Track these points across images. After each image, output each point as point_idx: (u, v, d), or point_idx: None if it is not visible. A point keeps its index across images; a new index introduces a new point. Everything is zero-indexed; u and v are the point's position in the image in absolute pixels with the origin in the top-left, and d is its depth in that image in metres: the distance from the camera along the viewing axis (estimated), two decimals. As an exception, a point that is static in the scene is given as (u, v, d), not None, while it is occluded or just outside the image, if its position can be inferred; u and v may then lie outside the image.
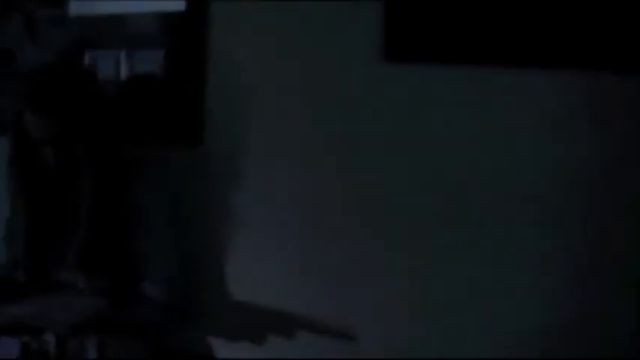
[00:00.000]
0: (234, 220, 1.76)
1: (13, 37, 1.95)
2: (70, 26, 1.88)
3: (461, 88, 1.60)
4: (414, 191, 1.64)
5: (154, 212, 1.65)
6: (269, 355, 1.72)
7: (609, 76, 1.51)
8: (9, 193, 1.67)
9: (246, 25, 1.74)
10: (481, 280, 1.59)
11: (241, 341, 1.74)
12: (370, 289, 1.67)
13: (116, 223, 1.61)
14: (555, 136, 1.54)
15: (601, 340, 1.53)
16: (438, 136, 1.61)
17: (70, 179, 1.60)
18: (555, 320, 1.55)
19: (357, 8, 1.64)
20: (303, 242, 1.72)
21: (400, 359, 1.62)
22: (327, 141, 1.70)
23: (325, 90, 1.69)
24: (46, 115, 1.54)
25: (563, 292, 1.55)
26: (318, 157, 1.71)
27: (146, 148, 1.73)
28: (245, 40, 1.74)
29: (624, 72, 1.50)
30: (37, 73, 1.61)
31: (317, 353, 1.69)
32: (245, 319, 1.75)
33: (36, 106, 1.54)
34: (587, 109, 1.52)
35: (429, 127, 1.62)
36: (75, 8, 1.88)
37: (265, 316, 1.72)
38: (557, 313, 1.54)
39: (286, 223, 1.73)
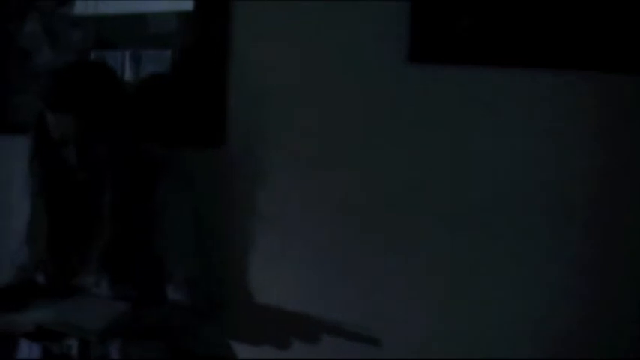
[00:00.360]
0: (256, 221, 1.74)
1: (30, 37, 1.93)
2: (87, 26, 1.86)
3: (487, 89, 1.59)
4: (438, 193, 1.63)
5: (176, 213, 1.62)
6: (291, 357, 1.70)
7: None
8: (30, 194, 1.64)
9: (269, 25, 1.72)
10: (501, 282, 1.59)
11: (263, 343, 1.72)
12: (395, 291, 1.65)
13: (139, 225, 1.58)
14: (580, 138, 1.54)
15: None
16: (463, 139, 1.61)
17: (93, 180, 1.57)
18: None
19: (382, 8, 1.63)
20: (327, 243, 1.70)
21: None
22: (350, 142, 1.69)
23: (348, 91, 1.68)
24: (68, 114, 1.51)
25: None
26: (341, 157, 1.69)
27: (167, 149, 1.71)
28: (267, 39, 1.73)
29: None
30: (58, 72, 1.58)
31: (340, 356, 1.67)
32: (267, 321, 1.73)
33: (58, 106, 1.51)
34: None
35: (454, 129, 1.62)
36: (92, 8, 1.86)
37: (288, 318, 1.71)
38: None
39: (309, 224, 1.71)
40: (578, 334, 1.55)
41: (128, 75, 1.79)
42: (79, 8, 1.87)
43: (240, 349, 1.75)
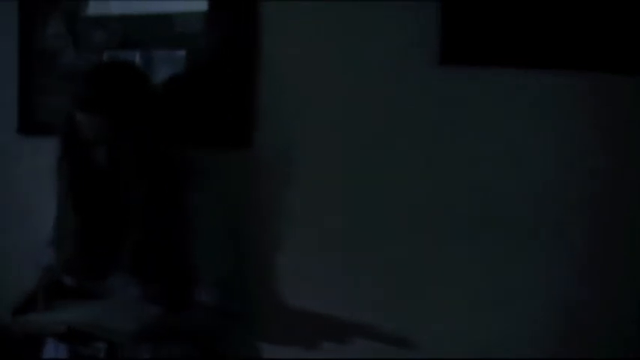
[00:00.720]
0: (285, 223, 1.73)
1: (54, 38, 1.92)
2: (111, 25, 1.85)
3: (519, 92, 1.57)
4: (466, 195, 1.61)
5: (205, 214, 1.62)
6: (320, 358, 1.70)
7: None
8: (57, 195, 1.63)
9: (298, 26, 1.71)
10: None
11: (293, 346, 1.71)
12: (428, 293, 1.64)
13: (168, 226, 1.57)
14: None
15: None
16: (494, 142, 1.59)
17: (122, 181, 1.56)
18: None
19: (413, 11, 1.62)
20: (356, 245, 1.69)
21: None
22: (379, 144, 1.67)
23: (378, 93, 1.67)
24: (98, 115, 1.50)
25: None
26: (369, 159, 1.68)
27: (195, 150, 1.69)
28: (296, 40, 1.71)
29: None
30: (89, 73, 1.57)
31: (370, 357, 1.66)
32: (297, 324, 1.72)
33: (89, 106, 1.50)
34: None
35: (484, 132, 1.60)
36: (116, 8, 1.85)
37: (316, 319, 1.70)
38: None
39: (338, 225, 1.70)
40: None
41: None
42: (98, 8, 1.87)
43: (269, 351, 1.74)
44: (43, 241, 1.80)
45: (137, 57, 1.82)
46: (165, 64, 1.79)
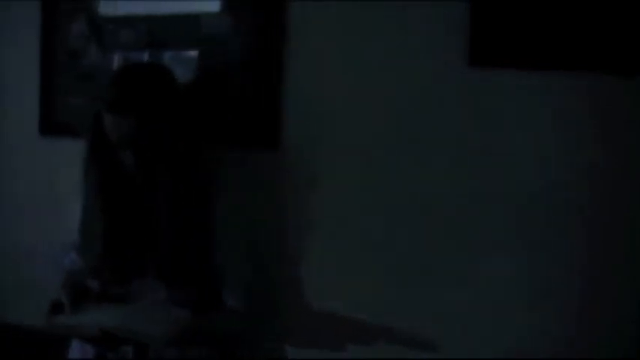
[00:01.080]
0: (310, 225, 1.72)
1: (77, 38, 1.91)
2: (137, 26, 1.84)
3: (549, 95, 1.56)
4: (494, 197, 1.60)
5: (232, 217, 1.60)
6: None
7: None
8: (84, 198, 1.62)
9: (326, 27, 1.70)
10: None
11: (318, 349, 1.70)
12: (455, 296, 1.62)
13: (196, 229, 1.56)
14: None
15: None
16: (523, 144, 1.58)
17: (150, 183, 1.55)
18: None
19: (442, 12, 1.62)
20: (382, 247, 1.67)
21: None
22: (408, 146, 1.66)
23: (407, 94, 1.65)
24: (127, 116, 1.48)
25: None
26: (398, 162, 1.67)
27: (221, 152, 1.68)
28: (324, 42, 1.70)
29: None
30: (117, 74, 1.56)
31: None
32: (323, 327, 1.71)
33: (117, 108, 1.48)
34: None
35: (513, 135, 1.58)
36: (142, 8, 1.84)
37: (344, 323, 1.68)
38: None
39: (365, 228, 1.68)
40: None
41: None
42: (110, 8, 1.86)
43: (294, 354, 1.73)
44: (65, 243, 1.79)
45: (145, 57, 1.82)
46: (177, 65, 1.77)
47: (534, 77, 1.56)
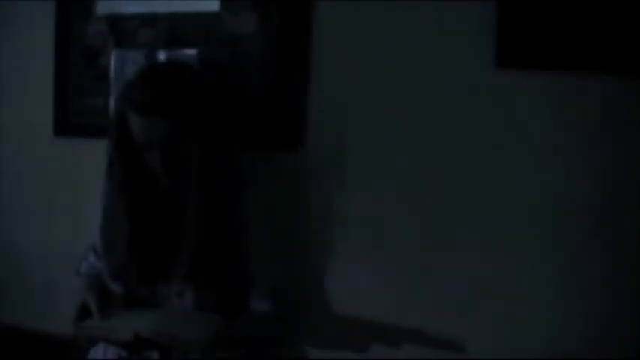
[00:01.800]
0: (336, 226, 1.70)
1: (95, 37, 1.88)
2: (158, 25, 1.81)
3: (576, 96, 1.56)
4: (518, 197, 1.59)
5: (259, 219, 1.58)
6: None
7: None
8: (107, 198, 1.59)
9: (351, 27, 1.68)
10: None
11: (344, 352, 1.68)
12: (480, 299, 1.62)
13: (225, 232, 1.53)
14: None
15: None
16: (549, 145, 1.57)
17: (177, 184, 1.52)
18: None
19: (468, 12, 1.60)
20: (408, 249, 1.66)
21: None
22: (434, 147, 1.65)
23: (432, 95, 1.64)
24: (155, 116, 1.45)
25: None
26: (423, 163, 1.65)
27: (246, 153, 1.65)
28: (349, 42, 1.69)
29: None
30: (145, 73, 1.52)
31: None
32: (348, 330, 1.69)
33: (145, 107, 1.45)
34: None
35: (539, 135, 1.58)
36: (161, 7, 1.82)
37: (369, 326, 1.67)
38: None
39: (391, 229, 1.67)
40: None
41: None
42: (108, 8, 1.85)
43: (319, 357, 1.71)
44: (82, 246, 1.76)
45: (142, 57, 1.80)
46: (199, 65, 1.75)
47: (566, 79, 1.55)
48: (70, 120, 1.95)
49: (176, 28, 1.79)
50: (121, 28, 1.84)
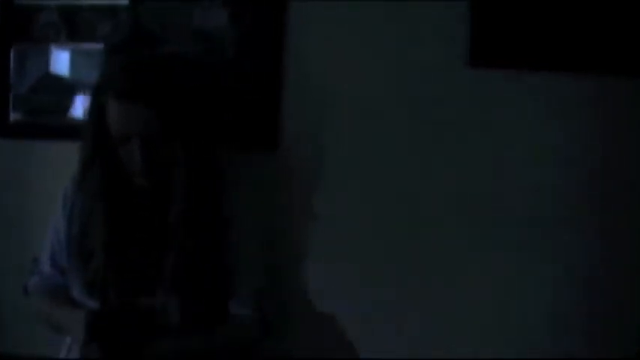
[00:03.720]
0: (313, 228, 1.67)
1: (46, 27, 1.73)
2: (121, 17, 1.69)
3: (551, 95, 1.61)
4: (495, 197, 1.62)
5: (241, 222, 1.51)
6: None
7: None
8: (81, 205, 1.47)
9: (326, 26, 1.66)
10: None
11: (329, 353, 1.66)
12: (457, 297, 1.64)
13: (208, 237, 1.45)
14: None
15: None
16: (526, 144, 1.61)
17: (157, 185, 1.43)
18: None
19: (442, 12, 1.62)
20: (393, 249, 1.65)
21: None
22: (408, 147, 1.65)
23: (407, 95, 1.65)
24: (137, 103, 1.36)
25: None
26: (399, 162, 1.66)
27: (225, 152, 1.59)
28: (324, 41, 1.66)
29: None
30: (130, 62, 1.42)
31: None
32: (332, 330, 1.66)
33: (126, 94, 1.36)
34: None
35: (515, 135, 1.62)
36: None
37: (354, 328, 1.65)
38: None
39: (373, 228, 1.66)
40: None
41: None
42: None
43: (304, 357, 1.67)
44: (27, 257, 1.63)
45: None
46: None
47: (539, 78, 1.59)
48: (14, 119, 1.78)
49: (140, 22, 1.68)
50: (78, 19, 1.71)
